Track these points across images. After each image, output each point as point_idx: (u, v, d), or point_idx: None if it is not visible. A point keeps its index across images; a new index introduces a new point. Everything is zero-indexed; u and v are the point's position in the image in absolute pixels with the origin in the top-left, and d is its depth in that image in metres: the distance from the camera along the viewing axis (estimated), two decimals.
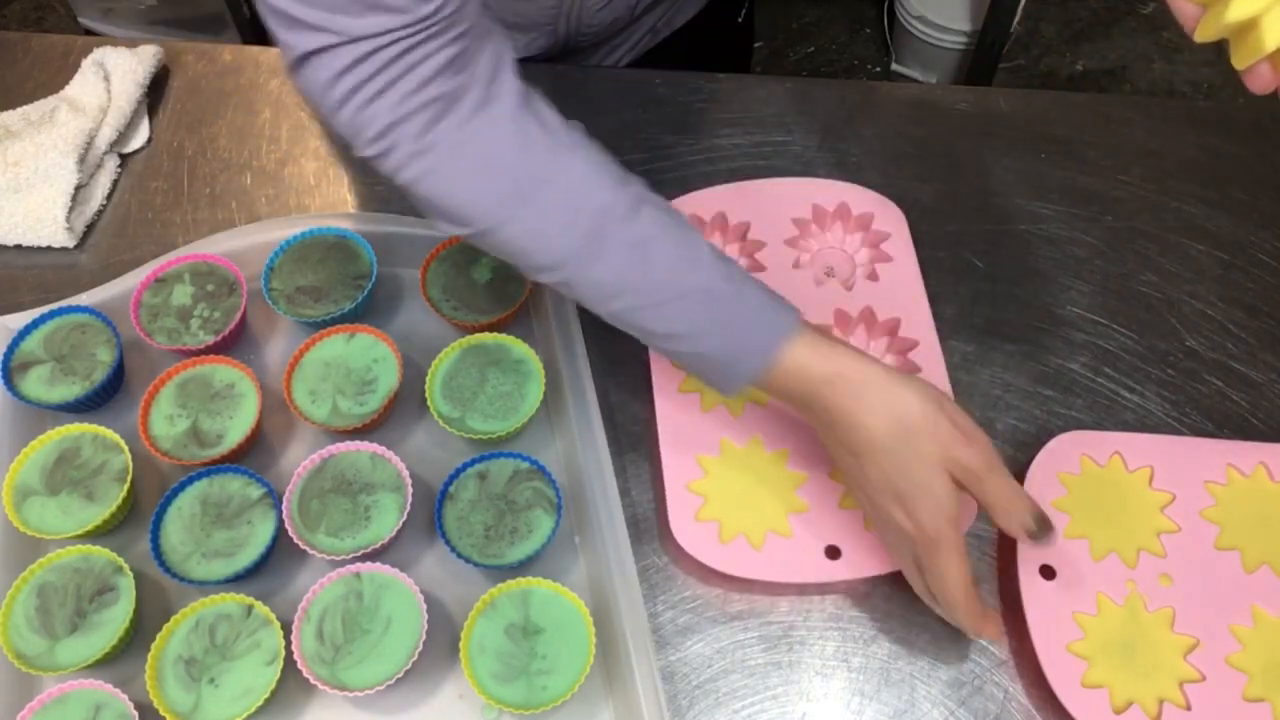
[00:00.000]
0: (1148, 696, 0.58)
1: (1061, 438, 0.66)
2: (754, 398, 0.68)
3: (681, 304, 0.57)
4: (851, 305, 0.72)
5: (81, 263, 0.78)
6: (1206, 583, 0.62)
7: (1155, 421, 0.71)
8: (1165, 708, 0.58)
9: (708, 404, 0.68)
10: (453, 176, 0.55)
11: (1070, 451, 0.66)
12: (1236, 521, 0.64)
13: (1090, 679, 0.58)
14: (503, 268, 0.73)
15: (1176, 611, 0.61)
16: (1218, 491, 0.65)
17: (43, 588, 0.60)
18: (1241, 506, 0.65)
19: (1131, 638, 0.60)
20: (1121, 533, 0.63)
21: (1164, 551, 0.63)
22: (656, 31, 0.92)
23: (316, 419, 0.66)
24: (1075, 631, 0.60)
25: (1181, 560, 0.62)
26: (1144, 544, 0.63)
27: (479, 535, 0.62)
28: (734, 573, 0.62)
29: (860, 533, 0.63)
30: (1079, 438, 0.67)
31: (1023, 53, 2.11)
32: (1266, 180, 0.83)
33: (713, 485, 0.65)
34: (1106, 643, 0.60)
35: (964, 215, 0.79)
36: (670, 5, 0.90)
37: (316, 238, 0.73)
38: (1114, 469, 0.66)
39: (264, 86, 0.88)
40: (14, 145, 0.79)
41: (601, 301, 0.58)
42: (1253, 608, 0.61)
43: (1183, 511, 0.64)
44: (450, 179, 0.55)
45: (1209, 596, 0.61)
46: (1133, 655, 0.59)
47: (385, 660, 0.58)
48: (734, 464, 0.66)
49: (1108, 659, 0.59)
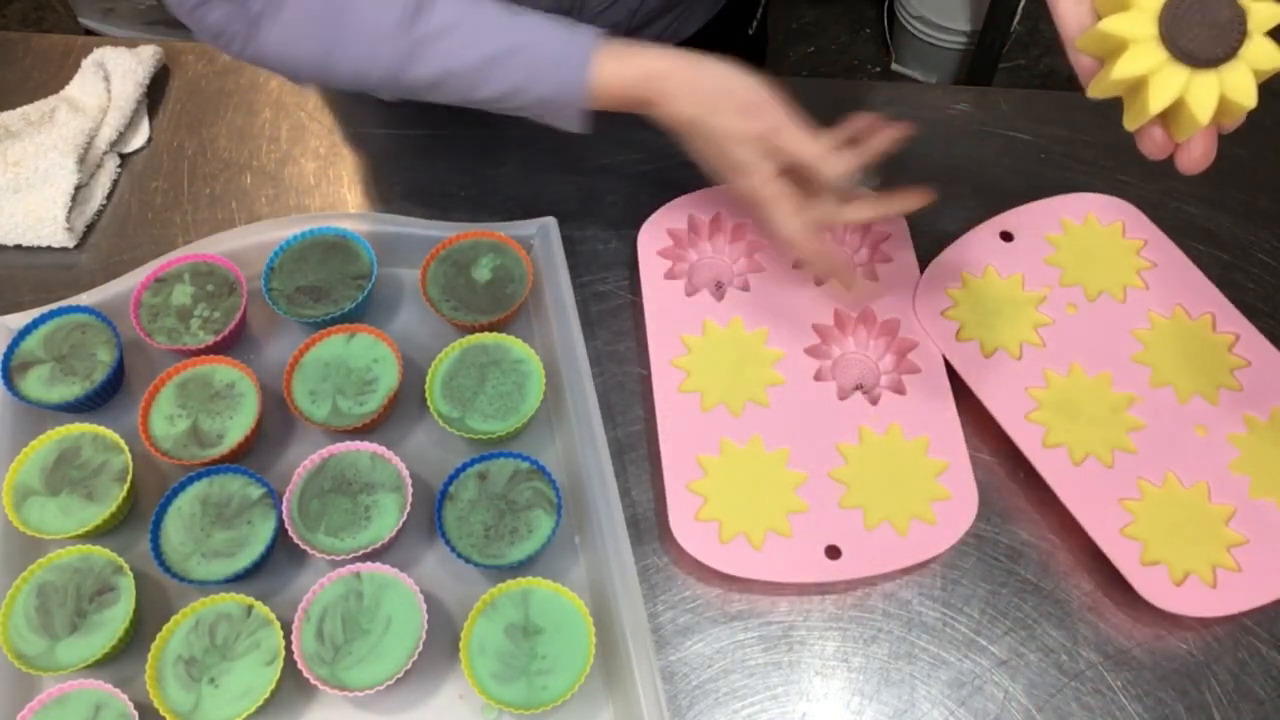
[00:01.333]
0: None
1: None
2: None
3: (498, 69, 0.64)
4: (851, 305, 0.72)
5: (81, 263, 0.78)
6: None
7: None
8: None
9: (708, 404, 0.68)
10: (280, 45, 0.64)
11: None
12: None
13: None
14: (503, 268, 0.73)
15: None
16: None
17: (43, 588, 0.60)
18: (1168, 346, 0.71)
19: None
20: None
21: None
22: (661, 41, 0.92)
23: (316, 419, 0.66)
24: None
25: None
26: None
27: (479, 535, 0.62)
28: (734, 572, 0.62)
29: (861, 532, 0.63)
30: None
31: (1023, 53, 2.11)
32: (1266, 180, 0.83)
33: (713, 485, 0.65)
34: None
35: (964, 215, 0.79)
36: (676, 15, 0.89)
37: (316, 238, 0.73)
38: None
39: (264, 86, 0.88)
40: (14, 145, 0.79)
41: (435, 93, 0.66)
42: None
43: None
44: (279, 47, 0.64)
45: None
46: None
47: (385, 660, 0.58)
48: (734, 464, 0.66)
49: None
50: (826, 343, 0.72)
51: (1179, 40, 0.45)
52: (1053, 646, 0.62)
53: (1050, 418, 0.67)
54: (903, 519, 0.63)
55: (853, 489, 0.65)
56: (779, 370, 0.70)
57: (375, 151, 0.83)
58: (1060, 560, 0.65)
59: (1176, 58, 0.45)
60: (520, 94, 0.65)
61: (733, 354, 0.70)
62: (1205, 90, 0.45)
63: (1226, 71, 0.45)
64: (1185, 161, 0.48)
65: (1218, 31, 0.45)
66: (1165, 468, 0.65)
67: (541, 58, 0.64)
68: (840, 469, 0.66)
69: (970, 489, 0.65)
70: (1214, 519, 0.64)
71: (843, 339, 0.73)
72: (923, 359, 0.70)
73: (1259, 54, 0.45)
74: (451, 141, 0.83)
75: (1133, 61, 0.46)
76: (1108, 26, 0.46)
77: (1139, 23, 0.46)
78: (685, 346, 0.70)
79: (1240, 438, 0.66)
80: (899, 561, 0.62)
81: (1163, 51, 0.45)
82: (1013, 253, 0.74)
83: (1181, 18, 0.45)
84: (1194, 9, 0.45)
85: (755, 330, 0.71)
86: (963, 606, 0.64)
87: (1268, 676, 0.61)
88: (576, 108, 0.65)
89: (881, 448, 0.67)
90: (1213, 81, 0.45)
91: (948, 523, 0.64)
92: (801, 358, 0.70)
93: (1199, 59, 0.45)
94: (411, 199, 0.81)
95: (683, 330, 0.71)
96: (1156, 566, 0.62)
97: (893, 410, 0.68)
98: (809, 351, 0.71)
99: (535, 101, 0.65)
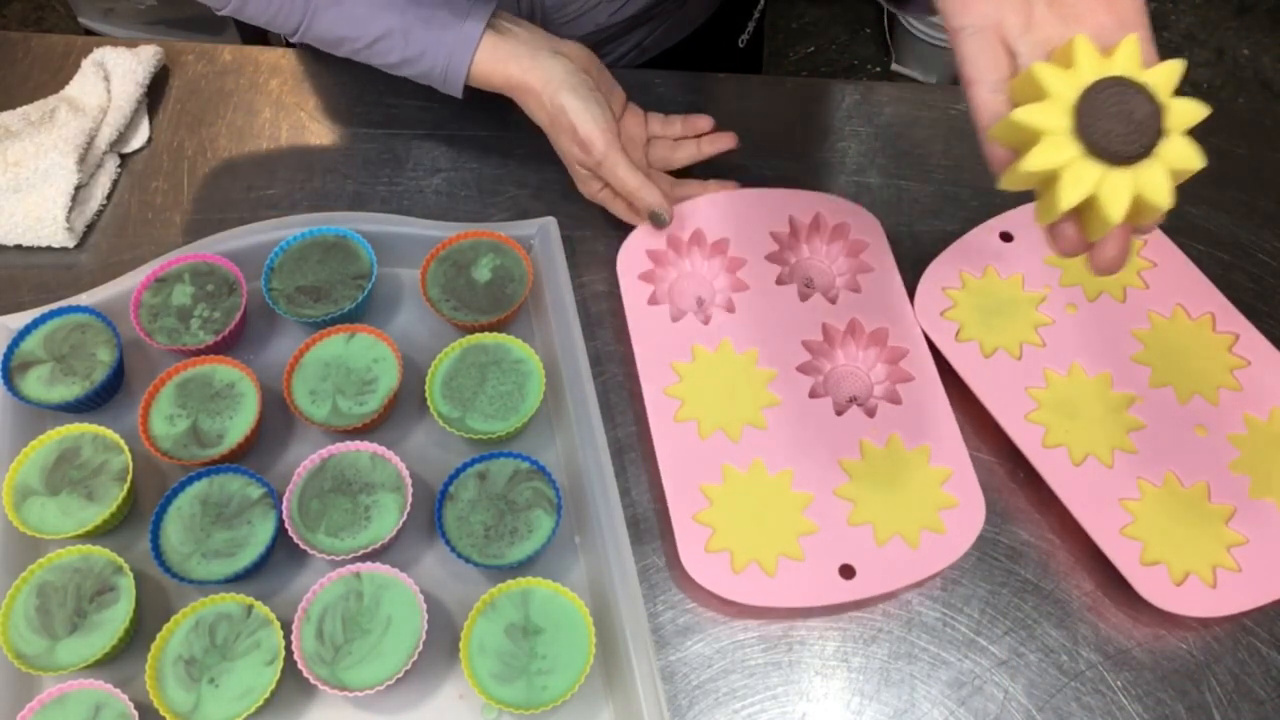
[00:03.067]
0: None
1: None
2: (753, 421, 0.68)
3: (385, 43, 0.74)
4: (837, 318, 0.71)
5: (81, 263, 0.78)
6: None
7: None
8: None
9: (705, 431, 0.67)
10: None
11: None
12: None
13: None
14: (503, 268, 0.73)
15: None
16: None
17: (43, 588, 0.60)
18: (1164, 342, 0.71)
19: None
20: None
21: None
22: (644, 49, 0.92)
23: (316, 419, 0.66)
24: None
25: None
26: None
27: (479, 535, 0.63)
28: (750, 602, 0.61)
29: (873, 549, 0.63)
30: None
31: None
32: (1266, 180, 0.83)
33: (719, 515, 0.64)
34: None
35: (964, 216, 0.79)
36: (659, 24, 0.89)
37: (316, 238, 0.73)
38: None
39: (264, 86, 0.88)
40: (14, 145, 0.79)
41: (340, 51, 0.76)
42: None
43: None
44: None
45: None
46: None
47: (385, 660, 0.58)
48: (738, 490, 0.65)
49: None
50: (817, 358, 0.71)
51: (1093, 135, 0.43)
52: (1053, 646, 0.62)
53: (1050, 418, 0.67)
54: (913, 531, 0.63)
55: (860, 505, 0.64)
56: (773, 390, 0.69)
57: (375, 151, 0.83)
58: (1060, 560, 0.65)
59: (1090, 153, 0.43)
60: (408, 67, 0.75)
61: (725, 377, 0.69)
62: (1118, 188, 0.43)
63: (1142, 170, 0.43)
64: (1098, 262, 0.45)
65: (1134, 128, 0.42)
66: (1165, 468, 0.65)
67: (426, 41, 0.73)
68: (845, 485, 0.65)
69: (976, 494, 0.64)
70: (1214, 519, 0.64)
71: (833, 352, 0.72)
72: (915, 366, 0.69)
73: (1176, 154, 0.43)
74: (452, 141, 0.83)
75: (1044, 155, 0.43)
76: (1020, 117, 0.43)
77: (1053, 114, 0.43)
78: (676, 374, 0.69)
79: (1240, 438, 0.66)
80: (914, 575, 0.62)
81: (1076, 146, 0.43)
82: (1013, 253, 0.74)
83: (1097, 112, 0.42)
84: (1110, 103, 0.42)
85: (745, 351, 0.70)
86: (963, 606, 0.64)
87: (1268, 676, 0.61)
88: (456, 89, 0.75)
89: (884, 460, 0.66)
90: (1127, 180, 0.43)
91: (957, 530, 0.63)
92: (794, 375, 0.69)
93: (1113, 156, 0.43)
94: (411, 199, 0.81)
95: (672, 357, 0.70)
96: (1156, 566, 0.62)
97: (891, 421, 0.68)
98: (801, 369, 0.70)
99: (420, 75, 0.75)
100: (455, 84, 0.74)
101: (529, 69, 0.71)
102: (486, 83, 0.74)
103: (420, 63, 0.74)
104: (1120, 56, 0.44)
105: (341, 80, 0.87)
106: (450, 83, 0.74)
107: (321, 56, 0.89)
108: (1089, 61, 0.44)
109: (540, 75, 0.71)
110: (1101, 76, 0.43)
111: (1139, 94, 0.43)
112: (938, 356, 0.70)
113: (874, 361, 0.72)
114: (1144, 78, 0.43)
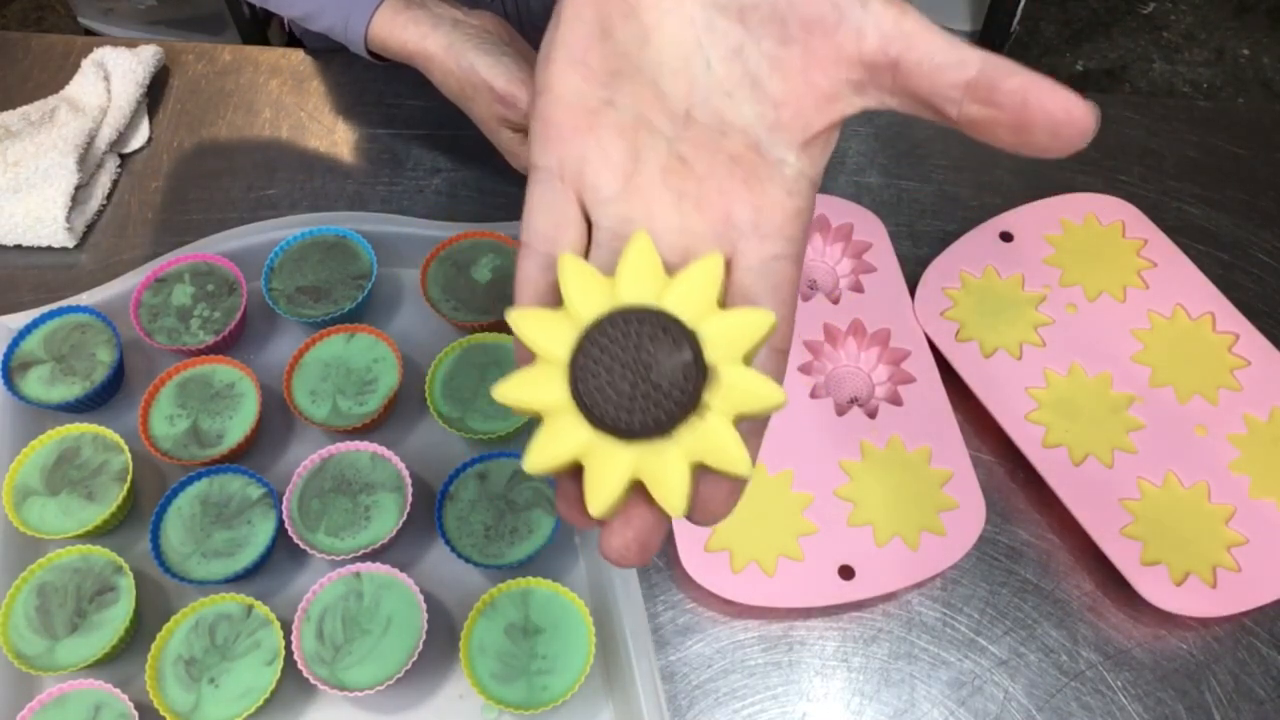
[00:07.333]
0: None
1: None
2: None
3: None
4: (839, 319, 0.71)
5: (81, 263, 0.78)
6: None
7: None
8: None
9: None
10: None
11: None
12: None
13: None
14: (503, 268, 0.73)
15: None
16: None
17: (42, 588, 0.60)
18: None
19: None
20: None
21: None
22: None
23: (316, 419, 0.66)
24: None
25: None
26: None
27: (479, 535, 0.63)
28: (749, 601, 0.61)
29: (872, 550, 0.63)
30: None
31: (1023, 53, 2.11)
32: (1266, 180, 0.83)
33: None
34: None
35: (964, 216, 0.79)
36: None
37: (316, 238, 0.73)
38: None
39: (264, 86, 0.88)
40: (14, 145, 0.79)
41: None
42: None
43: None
44: None
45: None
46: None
47: (385, 660, 0.58)
48: None
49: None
50: (818, 358, 0.71)
51: (598, 409, 0.28)
52: (1053, 646, 0.62)
53: (1050, 418, 0.67)
54: (912, 533, 0.63)
55: (860, 506, 0.64)
56: None
57: (375, 151, 0.83)
58: (1060, 560, 0.65)
59: (605, 432, 0.28)
60: (311, 21, 0.73)
61: None
62: (665, 469, 0.28)
63: (688, 434, 0.28)
64: (606, 551, 0.30)
65: (652, 390, 0.28)
66: (1165, 468, 0.65)
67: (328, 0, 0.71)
68: (845, 486, 0.65)
69: (977, 496, 0.64)
70: (1214, 519, 0.64)
71: (834, 353, 0.72)
72: (916, 368, 0.69)
73: (706, 439, 0.28)
74: (452, 141, 0.83)
75: (550, 444, 0.29)
76: (502, 397, 0.29)
77: (544, 385, 0.29)
78: None
79: (1240, 438, 0.66)
80: (913, 577, 0.62)
81: (585, 424, 0.28)
82: (1013, 253, 0.74)
83: (594, 377, 0.28)
84: (615, 349, 0.28)
85: None
86: (963, 606, 0.64)
87: (1268, 676, 0.61)
88: (360, 50, 0.72)
89: (884, 461, 0.66)
90: (673, 455, 0.28)
91: (957, 532, 0.63)
92: (796, 375, 0.69)
93: (634, 430, 0.28)
94: (411, 199, 0.81)
95: None
96: (1156, 566, 0.62)
97: (892, 422, 0.67)
98: (802, 369, 0.70)
99: (325, 30, 0.72)
100: (356, 44, 0.72)
101: (428, 34, 0.68)
102: (385, 48, 0.71)
103: (321, 18, 0.71)
104: (693, 278, 0.29)
105: (341, 80, 0.88)
106: (351, 42, 0.72)
107: (322, 56, 0.89)
108: (634, 276, 0.29)
109: (441, 40, 0.67)
110: (618, 308, 0.29)
111: (666, 340, 0.28)
112: (937, 356, 0.70)
113: (875, 362, 0.72)
114: (708, 317, 0.29)
